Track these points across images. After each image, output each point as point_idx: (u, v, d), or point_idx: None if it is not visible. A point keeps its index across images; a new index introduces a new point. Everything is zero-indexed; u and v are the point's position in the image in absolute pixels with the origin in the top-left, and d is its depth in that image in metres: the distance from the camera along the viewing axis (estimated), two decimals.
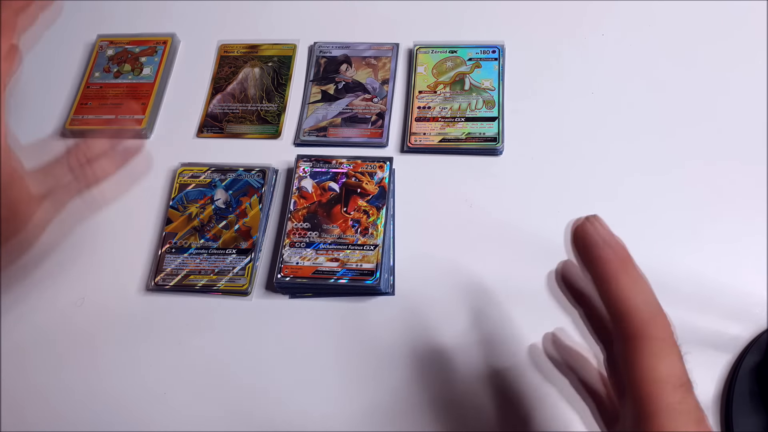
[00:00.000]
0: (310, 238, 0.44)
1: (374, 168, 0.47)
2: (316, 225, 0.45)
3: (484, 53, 0.54)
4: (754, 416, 0.38)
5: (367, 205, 0.45)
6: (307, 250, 0.44)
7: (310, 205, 0.46)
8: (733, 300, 0.42)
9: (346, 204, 0.45)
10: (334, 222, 0.45)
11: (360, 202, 0.45)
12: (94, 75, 0.57)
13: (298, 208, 0.46)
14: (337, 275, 0.43)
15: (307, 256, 0.44)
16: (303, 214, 0.45)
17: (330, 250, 0.44)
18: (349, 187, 0.46)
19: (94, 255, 0.49)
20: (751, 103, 0.50)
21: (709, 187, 0.47)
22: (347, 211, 0.45)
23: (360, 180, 0.46)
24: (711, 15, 0.55)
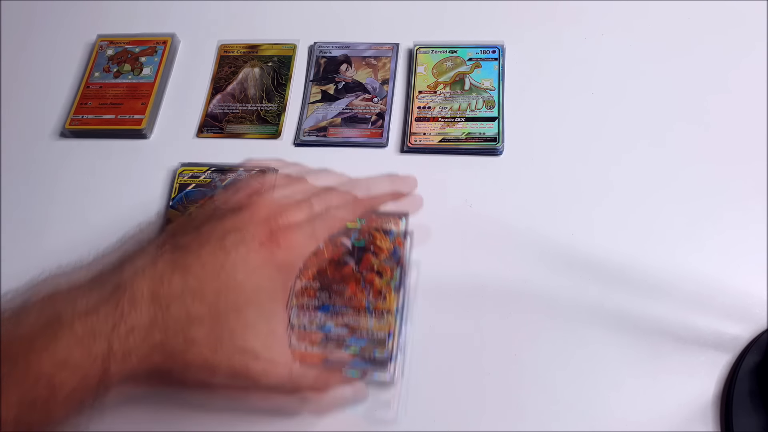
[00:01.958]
0: (320, 300, 0.40)
1: (388, 224, 0.43)
2: (326, 285, 0.41)
3: (484, 53, 0.54)
4: (754, 416, 0.38)
5: (381, 264, 0.41)
6: (317, 313, 0.40)
7: (320, 263, 0.41)
8: (733, 300, 0.42)
9: (359, 263, 0.41)
10: (345, 282, 0.41)
11: (373, 260, 0.41)
12: (94, 75, 0.57)
13: (307, 265, 0.40)
14: (348, 342, 0.39)
15: (315, 321, 0.40)
16: (313, 272, 0.41)
17: (341, 314, 0.40)
18: (361, 244, 0.42)
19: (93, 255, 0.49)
20: (751, 103, 0.50)
21: (710, 186, 0.47)
22: (359, 271, 0.41)
23: (373, 237, 0.42)
24: (711, 14, 0.55)
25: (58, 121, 0.56)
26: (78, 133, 0.54)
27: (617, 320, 0.42)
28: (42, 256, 0.50)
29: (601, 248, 0.45)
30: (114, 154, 0.54)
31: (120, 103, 0.55)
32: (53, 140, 0.55)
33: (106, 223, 0.50)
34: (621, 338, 0.42)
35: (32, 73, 0.59)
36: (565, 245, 0.45)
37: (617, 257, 0.45)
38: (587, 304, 0.43)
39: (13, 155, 0.55)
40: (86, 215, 0.51)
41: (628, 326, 0.42)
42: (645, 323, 0.42)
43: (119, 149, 0.54)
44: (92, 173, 0.53)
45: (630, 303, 0.43)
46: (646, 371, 0.41)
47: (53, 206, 0.52)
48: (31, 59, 0.60)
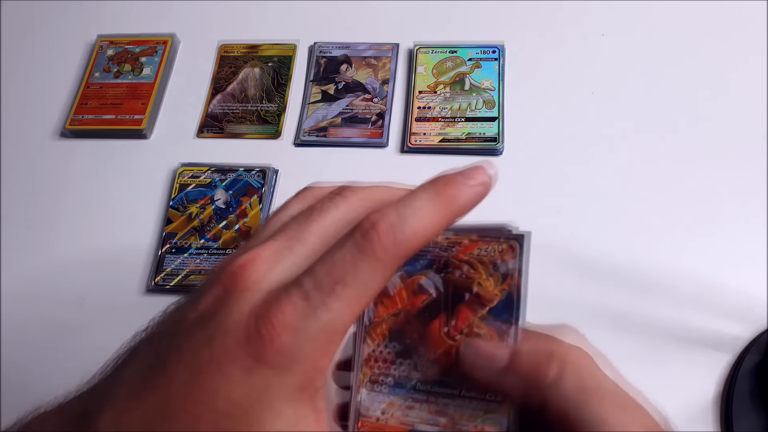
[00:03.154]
0: (400, 373, 0.27)
1: (495, 253, 0.26)
2: (407, 350, 0.27)
3: (484, 53, 0.54)
4: (753, 416, 0.38)
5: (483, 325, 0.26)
6: (397, 392, 0.26)
7: (395, 314, 0.27)
8: (733, 300, 0.42)
9: (449, 320, 0.26)
10: (432, 349, 0.26)
11: (471, 317, 0.26)
12: (94, 75, 0.57)
13: (377, 320, 0.27)
14: None
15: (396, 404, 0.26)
16: (384, 331, 0.27)
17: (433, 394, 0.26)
18: (451, 287, 0.26)
19: (94, 255, 0.49)
20: (751, 103, 0.50)
21: (710, 186, 0.47)
22: (450, 335, 0.26)
23: (469, 277, 0.26)
24: (711, 14, 0.55)
25: (58, 122, 0.56)
26: (78, 133, 0.54)
27: (617, 320, 0.42)
28: (42, 255, 0.50)
29: (601, 248, 0.45)
30: (114, 155, 0.54)
31: (120, 103, 0.55)
32: (53, 140, 0.55)
33: (106, 223, 0.50)
34: (621, 338, 0.42)
35: (32, 73, 0.59)
36: (565, 245, 0.45)
37: (617, 257, 0.45)
38: (587, 304, 0.43)
39: (14, 155, 0.55)
40: (86, 215, 0.51)
41: (628, 326, 0.42)
42: (645, 323, 0.42)
43: (119, 149, 0.54)
44: (92, 173, 0.53)
45: (630, 303, 0.43)
46: (647, 371, 0.40)
47: (53, 206, 0.52)
48: (31, 59, 0.60)
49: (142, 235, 0.49)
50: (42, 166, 0.54)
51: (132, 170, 0.53)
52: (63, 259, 0.49)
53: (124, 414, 0.21)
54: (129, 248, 0.49)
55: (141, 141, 0.54)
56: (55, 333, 0.46)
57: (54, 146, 0.55)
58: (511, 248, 0.26)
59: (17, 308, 0.47)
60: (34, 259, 0.49)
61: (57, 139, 0.55)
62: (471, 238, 0.26)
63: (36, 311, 0.47)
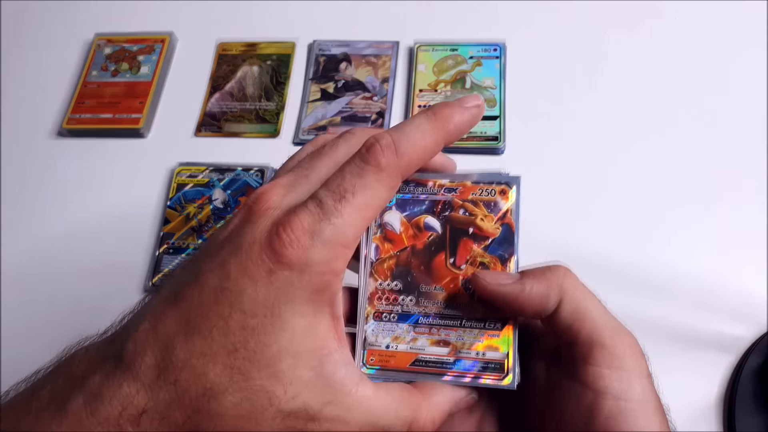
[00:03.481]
0: (404, 307, 0.30)
1: (492, 194, 0.30)
2: (411, 286, 0.30)
3: (485, 51, 0.53)
4: (756, 417, 0.38)
5: (486, 254, 0.30)
6: (401, 325, 0.29)
7: (399, 252, 0.30)
8: (736, 301, 0.42)
9: (454, 252, 0.30)
10: (438, 281, 0.29)
11: (474, 249, 0.30)
12: (92, 73, 0.56)
13: (382, 257, 0.30)
14: (450, 370, 0.28)
15: (401, 337, 0.29)
16: (390, 266, 0.30)
17: (435, 326, 0.29)
18: (455, 224, 0.30)
19: (91, 255, 0.48)
20: (752, 103, 0.50)
21: (711, 187, 0.47)
22: (456, 264, 0.30)
23: (472, 214, 0.30)
24: (712, 14, 0.55)
25: (55, 120, 0.55)
26: (75, 132, 0.54)
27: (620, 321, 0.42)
28: (39, 255, 0.49)
29: (603, 248, 0.45)
30: (111, 154, 0.53)
31: (117, 102, 0.54)
32: (50, 139, 0.55)
33: (103, 223, 0.50)
34: None
35: (30, 72, 0.59)
36: (565, 245, 0.45)
37: (619, 257, 0.44)
38: None
39: (11, 154, 0.54)
40: (84, 215, 0.50)
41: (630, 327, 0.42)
42: (647, 325, 0.42)
43: (117, 148, 0.54)
44: (89, 172, 0.53)
45: (632, 304, 0.42)
46: None
47: (51, 205, 0.51)
48: (28, 58, 0.60)
49: (140, 235, 0.49)
50: (39, 166, 0.53)
51: (129, 169, 0.52)
52: (60, 260, 0.49)
53: (159, 321, 0.24)
54: (126, 248, 0.48)
55: (138, 140, 0.54)
56: (54, 333, 0.46)
57: (51, 145, 0.54)
58: (505, 190, 0.30)
59: (15, 308, 0.47)
60: (31, 258, 0.49)
61: (54, 138, 0.55)
62: (470, 182, 0.30)
63: (34, 311, 0.47)
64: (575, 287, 0.26)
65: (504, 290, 0.27)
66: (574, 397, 0.25)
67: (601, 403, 0.24)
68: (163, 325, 0.24)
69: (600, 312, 0.26)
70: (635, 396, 0.24)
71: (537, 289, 0.26)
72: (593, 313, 0.26)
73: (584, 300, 0.26)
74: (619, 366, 0.25)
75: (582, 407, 0.25)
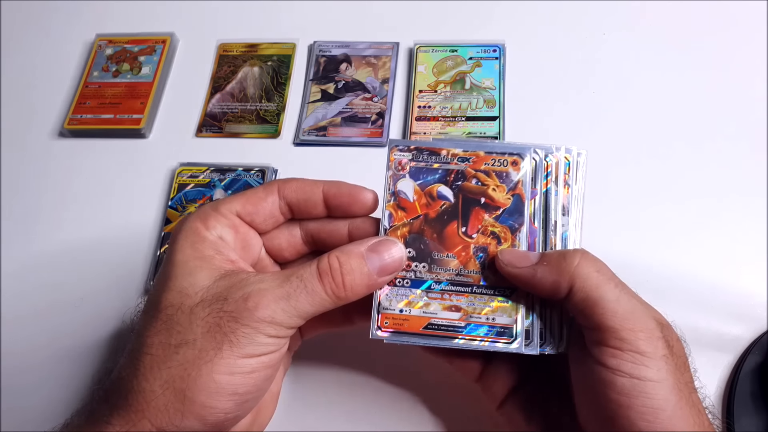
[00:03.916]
0: (417, 273, 0.31)
1: (505, 164, 0.31)
2: (423, 253, 0.31)
3: (484, 52, 0.54)
4: (755, 417, 0.38)
5: (497, 224, 0.31)
6: (414, 290, 0.30)
7: (412, 220, 0.31)
8: (735, 300, 0.42)
9: (466, 221, 0.31)
10: (449, 249, 0.31)
11: (486, 218, 0.31)
12: (93, 74, 0.56)
13: (396, 224, 0.31)
14: (461, 333, 0.30)
15: (414, 302, 0.30)
16: (404, 234, 0.31)
17: (447, 293, 0.30)
18: (468, 194, 0.31)
19: (92, 256, 0.49)
20: (752, 103, 0.50)
21: (711, 186, 0.47)
22: (468, 233, 0.31)
23: (484, 184, 0.31)
24: (711, 14, 0.55)
25: (56, 121, 0.56)
26: (77, 132, 0.54)
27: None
28: (40, 256, 0.50)
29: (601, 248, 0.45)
30: (112, 154, 0.53)
31: (119, 102, 0.54)
32: (52, 140, 0.55)
33: (104, 223, 0.50)
34: None
35: (31, 72, 0.59)
36: None
37: (618, 257, 0.44)
38: None
39: (12, 154, 0.54)
40: (84, 215, 0.51)
41: None
42: None
43: (118, 149, 0.54)
44: (91, 173, 0.53)
45: None
46: None
47: (51, 205, 0.51)
48: (29, 58, 0.60)
49: (141, 235, 0.49)
50: (40, 166, 0.54)
51: (130, 170, 0.52)
52: (61, 260, 0.49)
53: None
54: (128, 248, 0.48)
55: (139, 140, 0.54)
56: (54, 333, 0.46)
57: (52, 146, 0.55)
58: (517, 161, 0.31)
59: (15, 308, 0.47)
60: (32, 259, 0.49)
61: (55, 138, 0.55)
62: (483, 152, 0.31)
63: (34, 311, 0.47)
64: (587, 276, 0.28)
65: (516, 272, 0.29)
66: (595, 371, 0.27)
67: (614, 378, 0.26)
68: None
69: (613, 298, 0.27)
70: (649, 375, 0.26)
71: (548, 276, 0.28)
72: (605, 300, 0.27)
73: (597, 289, 0.27)
74: (632, 348, 0.26)
75: (599, 381, 0.27)
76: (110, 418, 0.27)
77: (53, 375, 0.44)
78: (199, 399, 0.26)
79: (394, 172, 0.32)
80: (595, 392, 0.27)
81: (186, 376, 0.26)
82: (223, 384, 0.26)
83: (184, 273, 0.28)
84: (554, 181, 0.31)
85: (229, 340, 0.27)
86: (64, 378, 0.44)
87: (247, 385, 0.27)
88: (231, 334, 0.27)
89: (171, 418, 0.26)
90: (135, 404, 0.27)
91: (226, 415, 0.27)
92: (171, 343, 0.27)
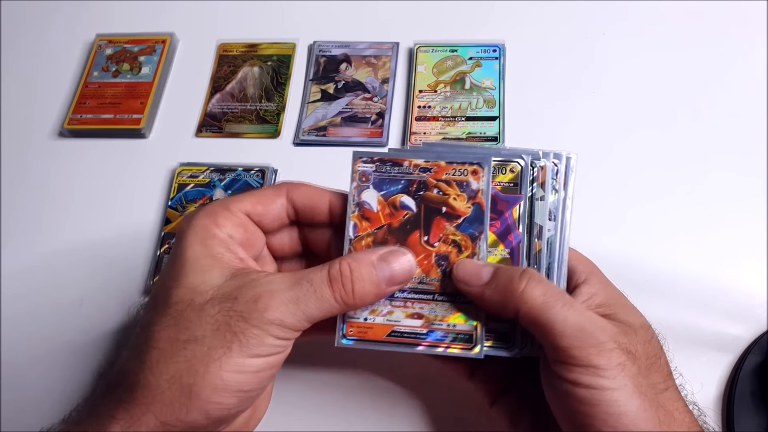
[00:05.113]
0: None
1: (465, 174, 0.31)
2: None
3: (484, 52, 0.54)
4: (755, 417, 0.38)
5: (457, 232, 0.31)
6: (376, 303, 0.31)
7: (376, 230, 0.32)
8: (735, 300, 0.42)
9: (428, 230, 0.31)
10: (414, 255, 0.31)
11: (447, 227, 0.31)
12: (93, 74, 0.56)
13: (360, 234, 0.32)
14: (423, 340, 0.31)
15: (378, 310, 0.31)
16: (368, 243, 0.32)
17: (410, 300, 0.31)
18: (429, 203, 0.32)
19: (92, 256, 0.49)
20: (752, 103, 0.50)
21: (711, 186, 0.47)
22: (429, 242, 0.31)
23: (445, 193, 0.32)
24: (711, 14, 0.55)
25: (56, 121, 0.56)
26: (76, 132, 0.54)
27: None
28: (40, 256, 0.50)
29: (601, 248, 0.45)
30: (112, 154, 0.53)
31: (119, 102, 0.54)
32: (52, 140, 0.55)
33: (104, 223, 0.50)
34: None
35: (31, 73, 0.59)
36: None
37: (618, 257, 0.44)
38: None
39: (12, 155, 0.54)
40: (84, 215, 0.51)
41: None
42: None
43: (118, 149, 0.54)
44: (91, 173, 0.53)
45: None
46: None
47: (52, 206, 0.51)
48: (29, 58, 0.60)
49: (141, 235, 0.49)
50: (40, 166, 0.54)
51: (130, 170, 0.52)
52: (61, 260, 0.49)
53: None
54: (128, 249, 0.48)
55: (139, 140, 0.54)
56: (55, 333, 0.46)
57: (52, 145, 0.55)
58: (477, 170, 0.31)
59: (16, 308, 0.47)
60: (32, 259, 0.49)
61: (55, 138, 0.55)
62: (443, 162, 0.32)
63: (35, 312, 0.47)
64: (533, 300, 0.28)
65: (467, 290, 0.30)
66: (557, 384, 0.28)
67: (574, 390, 0.27)
68: None
69: (560, 318, 0.27)
70: (606, 384, 0.26)
71: (495, 298, 0.29)
72: (552, 322, 0.27)
73: (544, 313, 0.28)
74: (585, 364, 0.27)
75: (561, 393, 0.28)
76: (114, 412, 0.27)
77: (54, 373, 0.44)
78: (205, 395, 0.27)
79: (358, 183, 0.33)
80: (561, 402, 0.28)
81: (194, 371, 0.26)
82: (230, 382, 0.27)
83: (195, 270, 0.29)
84: (540, 186, 0.31)
85: (238, 340, 0.27)
86: (65, 374, 0.44)
87: (253, 383, 0.28)
88: (240, 334, 0.27)
89: (176, 412, 0.26)
90: (140, 398, 0.27)
91: (229, 410, 0.28)
92: (179, 339, 0.27)
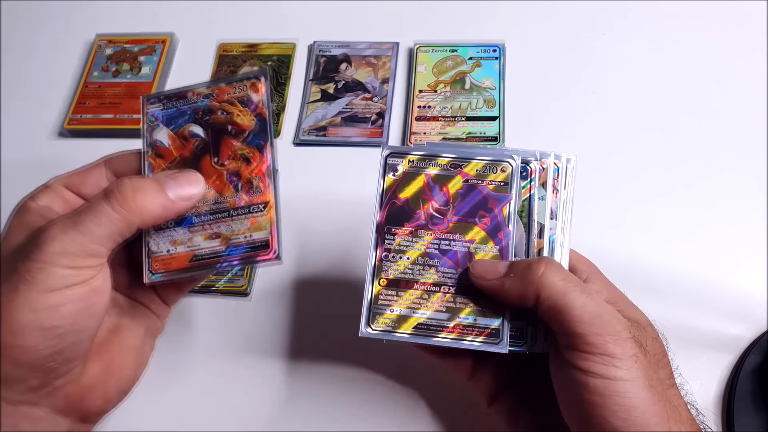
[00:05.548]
0: None
1: (244, 89, 0.33)
2: None
3: (484, 52, 0.54)
4: (755, 417, 0.38)
5: (245, 147, 0.33)
6: (178, 229, 0.32)
7: (170, 165, 0.33)
8: (735, 301, 0.42)
9: (217, 151, 0.33)
10: (207, 177, 0.32)
11: (235, 144, 0.33)
12: (93, 74, 0.56)
13: (156, 173, 0.33)
14: (223, 257, 0.31)
15: (179, 239, 0.32)
16: None
17: (208, 223, 0.32)
18: (216, 126, 0.33)
19: None
20: (751, 103, 0.50)
21: (711, 186, 0.47)
22: (220, 162, 0.32)
23: (229, 113, 0.33)
24: (711, 14, 0.55)
25: (56, 121, 0.56)
26: (76, 132, 0.54)
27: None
28: None
29: (602, 248, 0.45)
30: None
31: (119, 102, 0.54)
32: (52, 140, 0.55)
33: None
34: None
35: (31, 72, 0.59)
36: None
37: (618, 257, 0.44)
38: None
39: (12, 154, 0.54)
40: None
41: None
42: None
43: (118, 149, 0.53)
44: None
45: None
46: None
47: None
48: (29, 58, 0.60)
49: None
50: (40, 166, 0.54)
51: None
52: None
53: None
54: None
55: (140, 140, 0.54)
56: None
57: (52, 145, 0.55)
58: (256, 83, 0.33)
59: None
60: None
61: (55, 138, 0.55)
62: (224, 84, 0.33)
63: None
64: (553, 285, 0.28)
65: (487, 285, 0.30)
66: (569, 373, 0.28)
67: (586, 380, 0.27)
68: None
69: (579, 304, 0.28)
70: (619, 375, 0.27)
71: (515, 287, 0.29)
72: (571, 307, 0.28)
73: (563, 297, 0.28)
74: (600, 352, 0.27)
75: (573, 383, 0.28)
76: None
77: None
78: (5, 340, 0.27)
79: (149, 125, 0.34)
80: (571, 393, 0.28)
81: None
82: (26, 321, 0.27)
83: (6, 239, 0.30)
84: (539, 186, 0.32)
85: (24, 279, 0.27)
86: None
87: (55, 318, 0.27)
88: (26, 273, 0.27)
89: None
90: None
91: (38, 351, 0.27)
92: None
